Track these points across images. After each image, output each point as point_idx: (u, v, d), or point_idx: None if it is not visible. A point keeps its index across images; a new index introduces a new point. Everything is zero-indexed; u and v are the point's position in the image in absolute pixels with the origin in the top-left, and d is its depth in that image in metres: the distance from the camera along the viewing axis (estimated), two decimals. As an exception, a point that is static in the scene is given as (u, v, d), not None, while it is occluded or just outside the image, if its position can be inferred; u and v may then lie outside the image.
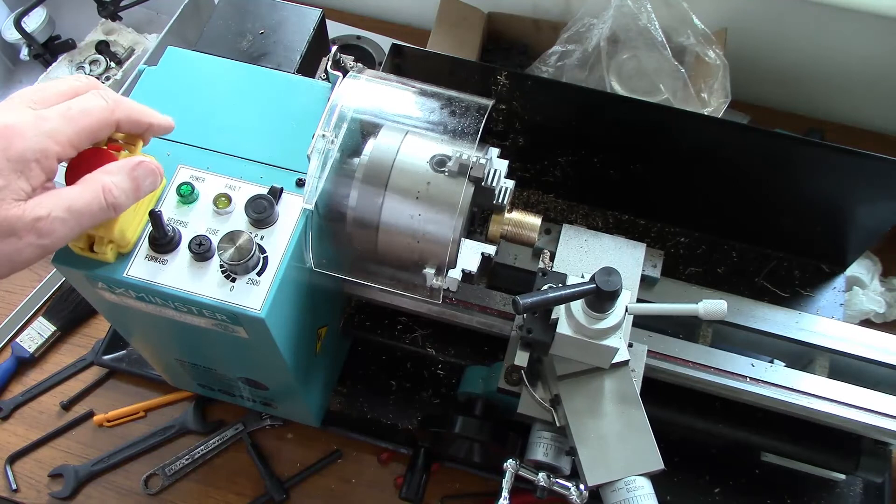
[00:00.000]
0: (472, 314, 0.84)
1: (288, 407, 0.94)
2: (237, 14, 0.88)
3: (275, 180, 0.71)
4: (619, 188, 1.03)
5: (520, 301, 0.66)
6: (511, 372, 0.77)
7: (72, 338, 1.07)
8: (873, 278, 1.09)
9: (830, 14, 1.08)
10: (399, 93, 0.78)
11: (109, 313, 0.79)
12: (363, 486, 0.97)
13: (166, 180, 0.70)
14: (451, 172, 0.71)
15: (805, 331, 0.86)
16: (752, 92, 1.22)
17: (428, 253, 0.73)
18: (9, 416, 1.02)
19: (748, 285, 1.03)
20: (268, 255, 0.68)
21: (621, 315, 0.69)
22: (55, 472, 0.97)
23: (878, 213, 0.95)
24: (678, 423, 0.87)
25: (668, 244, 1.06)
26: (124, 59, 1.24)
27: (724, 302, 0.67)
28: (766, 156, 0.92)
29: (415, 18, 1.35)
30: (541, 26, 1.24)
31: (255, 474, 0.97)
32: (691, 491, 0.94)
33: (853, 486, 0.95)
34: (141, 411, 1.01)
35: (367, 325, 0.91)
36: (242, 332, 0.70)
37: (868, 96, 1.21)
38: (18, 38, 1.21)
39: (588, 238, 0.85)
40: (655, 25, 1.08)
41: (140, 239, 0.68)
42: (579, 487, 0.72)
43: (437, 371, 1.01)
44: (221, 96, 0.78)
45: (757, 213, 1.01)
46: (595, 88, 1.10)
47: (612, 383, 0.74)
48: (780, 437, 0.87)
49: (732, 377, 0.82)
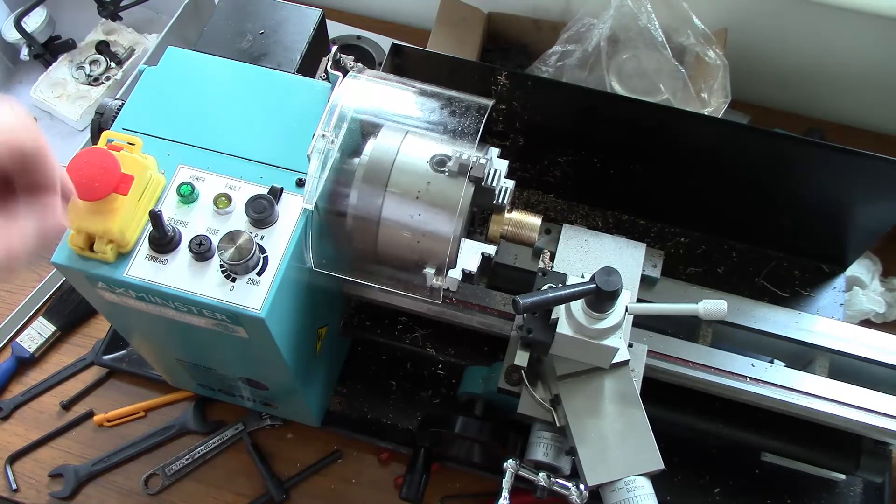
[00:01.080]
0: (472, 314, 0.84)
1: (288, 407, 0.94)
2: (237, 14, 0.88)
3: (275, 180, 0.71)
4: (619, 188, 1.03)
5: (520, 301, 0.66)
6: (511, 372, 0.77)
7: (72, 338, 1.07)
8: (873, 278, 1.09)
9: (830, 14, 1.08)
10: (399, 93, 0.78)
11: (109, 313, 0.79)
12: (363, 486, 0.97)
13: (166, 180, 0.71)
14: (451, 172, 0.71)
15: (805, 331, 0.86)
16: (752, 92, 1.22)
17: (428, 253, 0.73)
18: (9, 416, 1.02)
19: (748, 285, 1.03)
20: (268, 255, 0.68)
21: (621, 315, 0.69)
22: (55, 472, 0.97)
23: (878, 213, 0.95)
24: (678, 423, 0.87)
25: (668, 244, 1.06)
26: (124, 59, 1.25)
27: (724, 302, 0.67)
28: (766, 156, 0.92)
29: (415, 18, 1.35)
30: (541, 26, 1.24)
31: (255, 474, 0.97)
32: (691, 491, 0.94)
33: (853, 486, 0.95)
34: (141, 411, 1.01)
35: (367, 325, 0.91)
36: (242, 332, 0.70)
37: (868, 96, 1.21)
38: (18, 38, 1.21)
39: (588, 238, 0.85)
40: (655, 25, 1.08)
41: (140, 239, 0.68)
42: (579, 487, 0.72)
43: (437, 371, 1.01)
44: (221, 96, 0.78)
45: (757, 213, 1.01)
46: (595, 88, 1.10)
47: (612, 383, 0.74)
48: (780, 437, 0.87)
49: (732, 377, 0.82)
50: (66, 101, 1.21)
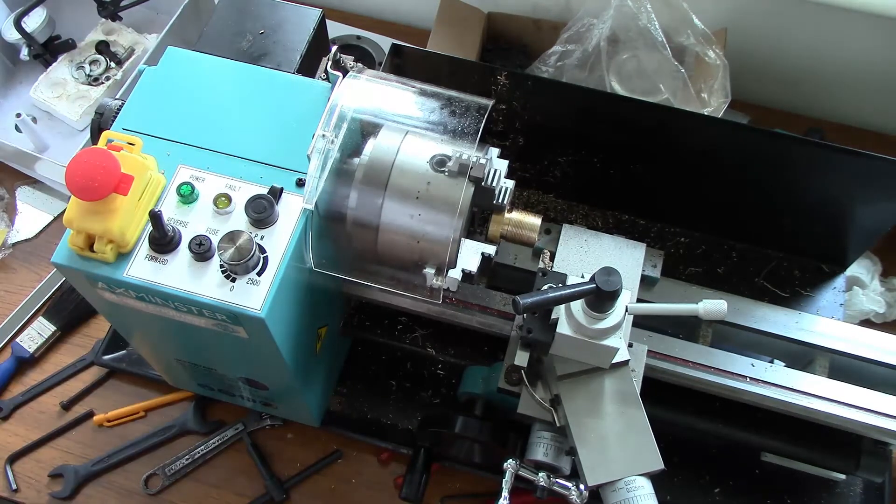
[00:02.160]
0: (472, 314, 0.84)
1: (288, 407, 0.94)
2: (237, 14, 0.88)
3: (275, 180, 0.71)
4: (619, 188, 1.03)
5: (520, 301, 0.66)
6: (511, 372, 0.77)
7: (72, 338, 1.07)
8: (873, 278, 1.09)
9: (830, 14, 1.08)
10: (399, 93, 0.78)
11: (109, 313, 0.79)
12: (363, 486, 0.97)
13: (166, 180, 0.71)
14: (451, 172, 0.71)
15: (805, 331, 0.86)
16: (752, 92, 1.22)
17: (428, 253, 0.73)
18: (9, 416, 1.02)
19: (748, 285, 1.03)
20: (268, 255, 0.68)
21: (621, 315, 0.69)
22: (55, 472, 0.97)
23: (878, 213, 0.95)
24: (678, 423, 0.87)
25: (668, 244, 1.06)
26: (124, 59, 1.24)
27: (724, 302, 0.67)
28: (766, 156, 0.92)
29: (415, 18, 1.35)
30: (541, 26, 1.24)
31: (255, 474, 0.97)
32: (691, 491, 0.94)
33: (853, 486, 0.95)
34: (141, 411, 1.01)
35: (367, 325, 0.91)
36: (242, 332, 0.70)
37: (868, 96, 1.21)
38: (18, 38, 1.21)
39: (588, 238, 0.85)
40: (655, 25, 1.08)
41: (140, 239, 0.68)
42: (579, 487, 0.72)
43: (437, 371, 1.01)
44: (221, 96, 0.78)
45: (757, 213, 1.01)
46: (595, 88, 1.10)
47: (612, 383, 0.74)
48: (780, 437, 0.87)
49: (732, 377, 0.82)
50: (65, 101, 1.21)
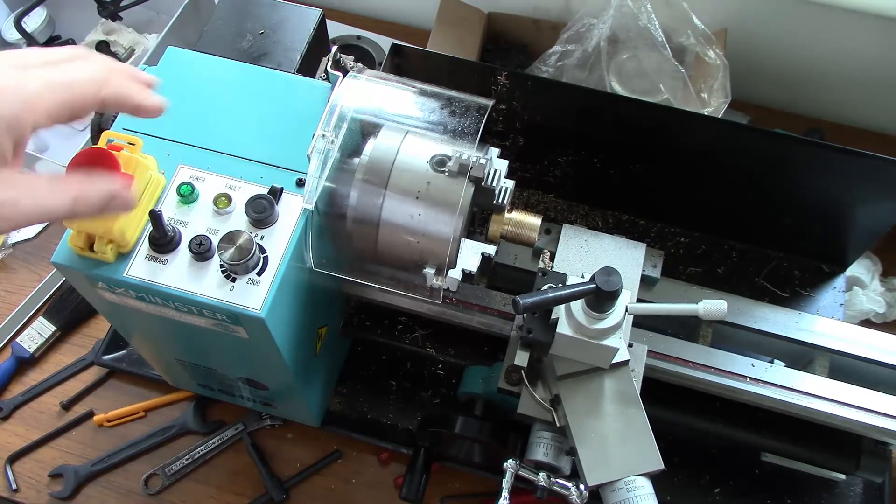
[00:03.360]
0: (472, 314, 0.84)
1: (288, 407, 0.94)
2: (237, 14, 0.88)
3: (275, 180, 0.71)
4: (619, 188, 1.03)
5: (520, 301, 0.66)
6: (511, 372, 0.77)
7: (72, 338, 1.07)
8: (873, 278, 1.09)
9: (830, 14, 1.08)
10: (399, 93, 0.78)
11: (109, 313, 0.79)
12: (363, 486, 0.97)
13: (166, 180, 0.71)
14: (451, 172, 0.71)
15: (805, 331, 0.86)
16: (752, 92, 1.22)
17: (428, 253, 0.73)
18: (9, 416, 1.02)
19: (748, 285, 1.03)
20: (268, 255, 0.68)
21: (621, 315, 0.69)
22: (55, 472, 0.97)
23: (878, 213, 0.95)
24: (678, 423, 0.87)
25: (668, 244, 1.06)
26: (124, 59, 1.24)
27: (724, 302, 0.67)
28: (766, 156, 0.92)
29: (415, 18, 1.35)
30: (541, 26, 1.24)
31: (255, 474, 0.97)
32: (691, 491, 0.94)
33: (853, 486, 0.95)
34: (141, 411, 1.01)
35: (367, 325, 0.91)
36: (242, 332, 0.70)
37: (868, 96, 1.21)
38: (18, 38, 1.21)
39: (588, 238, 0.85)
40: (655, 25, 1.08)
41: (140, 239, 0.68)
42: (579, 487, 0.72)
43: (437, 371, 1.01)
44: (221, 96, 0.78)
45: (757, 213, 1.01)
46: (595, 88, 1.10)
47: (612, 383, 0.74)
48: (780, 437, 0.87)
49: (732, 377, 0.82)
50: (66, 101, 1.21)
